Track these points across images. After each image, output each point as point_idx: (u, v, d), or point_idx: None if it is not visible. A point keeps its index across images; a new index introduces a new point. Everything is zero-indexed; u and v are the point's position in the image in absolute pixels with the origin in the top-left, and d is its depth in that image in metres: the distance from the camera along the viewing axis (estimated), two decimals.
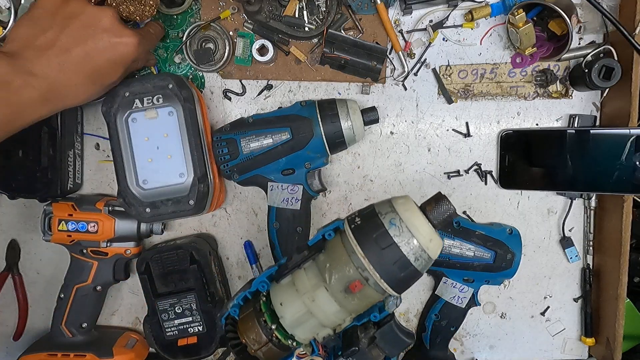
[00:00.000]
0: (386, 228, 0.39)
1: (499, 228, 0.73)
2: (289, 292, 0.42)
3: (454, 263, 0.70)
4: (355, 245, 0.39)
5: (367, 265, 0.39)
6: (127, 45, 0.58)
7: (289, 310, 0.42)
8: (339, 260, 0.40)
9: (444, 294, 0.74)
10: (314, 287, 0.41)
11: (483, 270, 0.70)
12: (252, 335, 0.42)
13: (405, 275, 0.40)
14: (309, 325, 0.42)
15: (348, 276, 0.39)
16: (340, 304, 0.41)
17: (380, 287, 0.39)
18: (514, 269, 0.70)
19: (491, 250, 0.70)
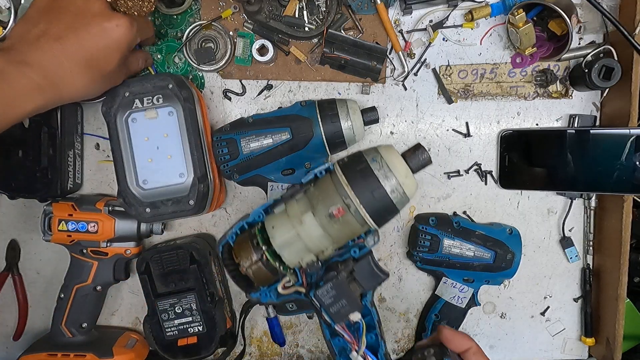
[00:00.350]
0: (369, 163, 0.45)
1: (499, 228, 0.73)
2: (281, 218, 0.47)
3: (454, 263, 0.71)
4: (341, 175, 0.45)
5: (349, 192, 0.44)
6: (120, 28, 0.57)
7: (279, 232, 0.46)
8: (326, 191, 0.46)
9: (444, 294, 0.74)
10: (302, 212, 0.46)
11: (483, 270, 0.71)
12: (245, 254, 0.47)
13: (382, 205, 0.45)
14: (296, 248, 0.46)
15: (333, 203, 0.45)
16: (324, 229, 0.45)
17: (360, 214, 0.44)
18: (514, 269, 0.71)
19: (491, 250, 0.70)
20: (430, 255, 0.71)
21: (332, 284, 0.47)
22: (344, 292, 0.47)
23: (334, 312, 0.47)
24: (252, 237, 0.48)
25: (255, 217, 0.49)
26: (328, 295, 0.47)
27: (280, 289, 0.49)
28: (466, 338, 0.50)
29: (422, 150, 0.48)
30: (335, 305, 0.47)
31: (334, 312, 0.47)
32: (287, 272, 0.48)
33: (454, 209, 0.76)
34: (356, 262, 0.48)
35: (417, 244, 0.71)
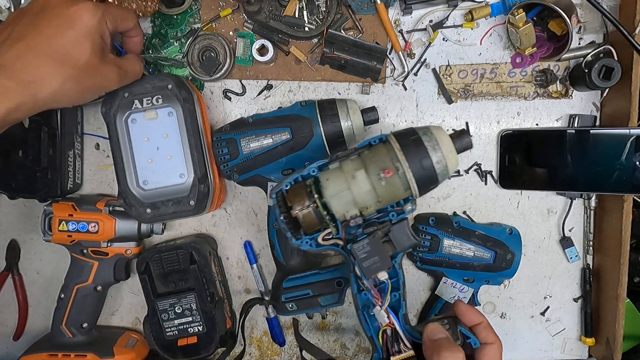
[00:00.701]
0: (420, 135, 0.51)
1: (499, 228, 0.73)
2: (335, 172, 0.53)
3: (454, 263, 0.71)
4: (394, 142, 0.51)
5: (400, 156, 0.50)
6: (82, 12, 0.54)
7: (332, 183, 0.52)
8: (379, 154, 0.52)
9: (443, 293, 0.74)
10: (356, 169, 0.52)
11: (483, 270, 0.71)
12: (298, 199, 0.52)
13: (426, 174, 0.51)
14: (344, 199, 0.51)
15: (384, 164, 0.51)
16: (372, 186, 0.51)
17: (406, 177, 0.50)
18: (514, 269, 0.71)
19: (491, 250, 0.70)
20: (430, 255, 0.71)
21: (368, 240, 0.52)
22: (378, 249, 0.52)
23: (365, 267, 0.52)
24: (307, 187, 0.53)
25: (309, 172, 0.54)
26: (363, 250, 0.52)
27: (320, 240, 0.54)
28: (478, 313, 0.54)
29: (467, 134, 0.54)
30: (367, 260, 0.52)
31: (365, 267, 0.52)
32: (330, 224, 0.53)
33: (454, 209, 0.76)
34: (393, 225, 0.52)
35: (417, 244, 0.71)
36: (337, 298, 0.67)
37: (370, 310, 0.55)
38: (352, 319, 0.80)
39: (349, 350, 0.81)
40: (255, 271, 0.77)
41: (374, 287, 0.54)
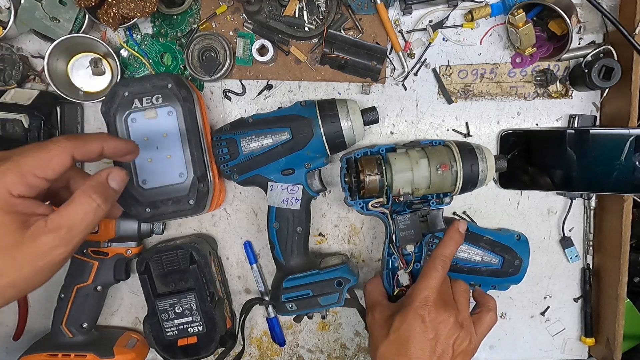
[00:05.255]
0: (474, 148, 0.65)
1: (507, 234, 0.73)
2: (403, 156, 0.65)
3: (462, 267, 0.70)
4: (454, 146, 0.65)
5: (457, 157, 0.64)
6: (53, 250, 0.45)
7: (399, 162, 0.64)
8: (440, 152, 0.64)
9: None
10: (421, 157, 0.64)
11: (490, 276, 0.70)
12: (370, 166, 0.64)
13: (472, 177, 0.64)
14: (404, 177, 0.63)
15: (443, 160, 0.63)
16: (430, 173, 0.63)
17: (457, 175, 0.64)
18: (521, 275, 0.70)
19: (499, 255, 0.70)
20: None
21: (410, 215, 0.65)
22: (415, 225, 0.65)
23: (402, 236, 0.65)
24: (377, 159, 0.65)
25: (379, 149, 0.67)
26: (403, 222, 0.65)
27: (371, 205, 0.66)
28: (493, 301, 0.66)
29: (504, 160, 0.67)
30: (405, 231, 0.65)
31: (402, 236, 0.65)
32: (384, 194, 0.65)
33: (454, 209, 0.76)
34: (431, 210, 0.65)
35: (429, 248, 0.71)
36: (337, 298, 0.67)
37: (393, 272, 0.67)
38: (352, 318, 0.80)
39: (349, 350, 0.81)
40: (255, 271, 0.77)
41: (401, 255, 0.67)
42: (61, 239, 0.44)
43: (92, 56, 0.72)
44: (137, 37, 0.73)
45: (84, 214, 0.46)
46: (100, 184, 0.48)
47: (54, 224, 0.44)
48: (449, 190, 0.65)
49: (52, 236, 0.44)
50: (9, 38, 0.71)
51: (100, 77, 0.72)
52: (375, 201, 0.65)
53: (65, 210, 0.45)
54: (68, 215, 0.45)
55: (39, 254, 0.44)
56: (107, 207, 0.47)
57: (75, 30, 0.69)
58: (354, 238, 0.78)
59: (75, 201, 0.46)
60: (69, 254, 0.45)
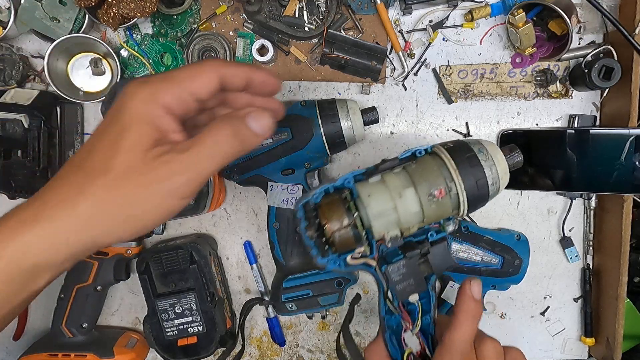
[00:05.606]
0: (475, 153, 0.46)
1: (507, 234, 0.73)
2: (379, 188, 0.46)
3: (462, 267, 0.71)
4: (449, 159, 0.46)
5: (455, 176, 0.45)
6: (124, 100, 0.40)
7: (377, 201, 0.45)
8: (429, 170, 0.46)
9: (450, 297, 0.73)
10: (403, 186, 0.45)
11: (490, 276, 0.71)
12: (336, 216, 0.45)
13: (479, 195, 0.46)
14: (388, 219, 0.45)
15: (436, 183, 0.45)
16: (421, 206, 0.45)
17: (458, 198, 0.46)
18: (521, 275, 0.71)
19: (499, 255, 0.70)
20: None
21: (404, 262, 0.47)
22: (414, 271, 0.47)
23: (399, 290, 0.47)
24: (344, 201, 0.46)
25: (344, 183, 0.47)
26: (398, 272, 0.47)
27: (349, 259, 0.47)
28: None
29: (518, 152, 0.50)
30: (402, 282, 0.47)
31: (399, 290, 0.47)
32: (364, 243, 0.47)
33: None
34: (432, 245, 0.47)
35: None
36: (337, 298, 0.67)
37: (397, 333, 0.49)
38: (353, 319, 0.80)
39: None
40: (255, 271, 0.77)
41: (404, 311, 0.48)
42: (188, 173, 0.37)
43: (92, 56, 0.72)
44: (137, 37, 0.73)
45: (216, 149, 0.39)
46: (239, 121, 0.40)
47: (196, 151, 0.38)
48: (450, 215, 0.48)
49: (180, 166, 0.37)
50: (9, 38, 0.71)
51: (100, 77, 0.72)
52: (355, 253, 0.47)
53: (209, 132, 0.39)
54: (200, 148, 0.38)
55: (163, 183, 0.37)
56: (237, 150, 0.40)
57: (75, 30, 0.69)
58: None
59: (207, 133, 0.39)
60: (188, 195, 0.38)
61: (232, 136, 0.40)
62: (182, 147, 0.38)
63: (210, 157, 0.39)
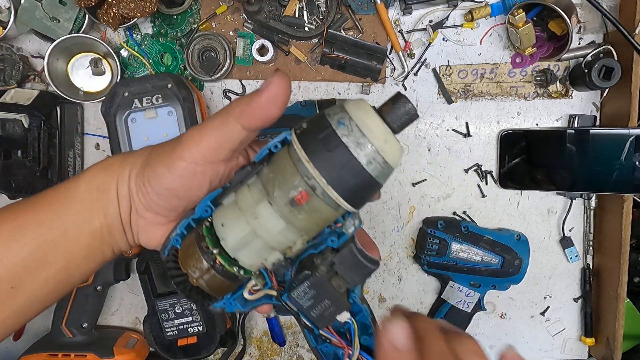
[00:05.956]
0: (333, 128, 0.33)
1: (507, 234, 0.73)
2: (231, 212, 0.37)
3: (462, 267, 0.71)
4: (300, 149, 0.34)
5: (312, 170, 0.33)
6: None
7: (231, 230, 0.36)
8: (283, 170, 0.35)
9: (450, 298, 0.74)
10: (256, 202, 0.35)
11: (490, 276, 0.71)
12: (193, 262, 0.37)
13: (358, 182, 0.34)
14: (254, 248, 0.36)
15: (293, 186, 0.34)
16: (286, 220, 0.35)
17: (330, 197, 0.34)
18: (521, 275, 0.71)
19: (499, 255, 0.70)
20: (438, 259, 0.72)
21: (309, 283, 0.38)
22: (326, 290, 0.38)
23: (316, 316, 0.39)
24: (200, 240, 0.37)
25: (201, 213, 0.38)
26: (306, 296, 0.38)
27: (246, 295, 0.40)
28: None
29: (404, 101, 0.36)
30: (316, 307, 0.39)
31: (316, 316, 0.39)
32: (251, 276, 0.39)
33: (454, 209, 0.76)
34: (336, 253, 0.37)
35: (425, 248, 0.72)
36: None
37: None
38: None
39: None
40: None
41: (336, 335, 0.41)
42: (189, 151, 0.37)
43: (92, 56, 0.72)
44: (137, 37, 0.73)
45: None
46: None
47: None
48: (339, 215, 0.36)
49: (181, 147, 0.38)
50: (9, 38, 0.71)
51: (100, 77, 0.72)
52: (248, 288, 0.40)
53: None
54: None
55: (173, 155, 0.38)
56: (237, 124, 0.37)
57: (75, 30, 0.69)
58: None
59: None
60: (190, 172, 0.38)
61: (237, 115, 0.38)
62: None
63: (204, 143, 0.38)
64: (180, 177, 0.37)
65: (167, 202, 0.39)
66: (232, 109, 0.37)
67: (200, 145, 0.37)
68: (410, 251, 0.78)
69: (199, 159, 0.37)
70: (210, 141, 0.37)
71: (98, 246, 0.41)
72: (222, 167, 0.39)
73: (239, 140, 0.38)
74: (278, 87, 0.36)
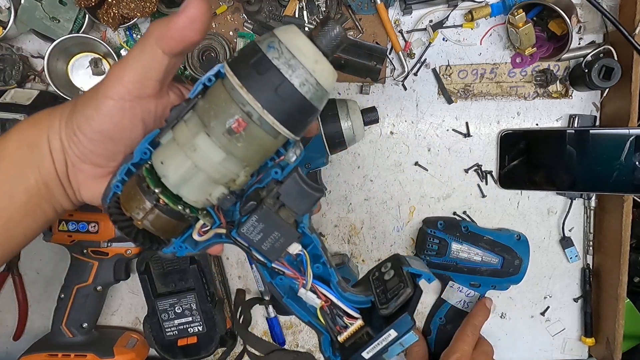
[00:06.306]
0: (264, 52, 0.33)
1: (507, 234, 0.73)
2: (170, 148, 0.36)
3: (462, 267, 0.71)
4: (232, 76, 0.34)
5: (245, 95, 0.33)
6: None
7: (171, 166, 0.36)
8: (218, 100, 0.35)
9: (450, 298, 0.74)
10: (194, 135, 0.35)
11: (490, 276, 0.71)
12: (135, 204, 0.37)
13: (293, 105, 0.34)
14: (197, 182, 0.36)
15: (229, 114, 0.34)
16: (226, 150, 0.35)
17: (267, 122, 0.34)
18: (521, 275, 0.71)
19: (499, 255, 0.71)
20: (438, 259, 0.72)
21: (257, 217, 0.38)
22: (274, 222, 0.39)
23: (267, 249, 0.40)
24: (141, 181, 0.37)
25: (140, 155, 0.38)
26: (255, 230, 0.39)
27: (195, 236, 0.40)
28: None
29: (332, 24, 0.35)
30: (266, 240, 0.39)
31: (267, 249, 0.40)
32: (198, 215, 0.38)
33: (454, 209, 0.76)
34: (281, 184, 0.38)
35: (425, 248, 0.72)
36: None
37: (296, 294, 0.44)
38: None
39: None
40: (255, 271, 0.77)
41: (289, 267, 0.42)
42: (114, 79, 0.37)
43: (92, 56, 0.72)
44: (137, 37, 0.73)
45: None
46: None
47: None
48: (281, 143, 0.37)
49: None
50: (9, 38, 0.71)
51: (101, 77, 0.72)
52: (197, 229, 0.40)
53: None
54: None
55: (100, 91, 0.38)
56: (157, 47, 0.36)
57: (75, 30, 0.69)
58: (354, 238, 0.78)
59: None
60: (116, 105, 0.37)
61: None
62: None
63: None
64: (109, 117, 0.37)
65: (101, 148, 0.38)
66: (150, 32, 0.36)
67: (124, 80, 0.36)
68: (410, 251, 0.78)
69: (124, 93, 0.36)
70: (133, 73, 0.36)
71: (37, 203, 0.40)
72: (153, 104, 0.38)
73: (162, 69, 0.37)
74: (196, 8, 0.35)
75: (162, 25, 0.36)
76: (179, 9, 0.35)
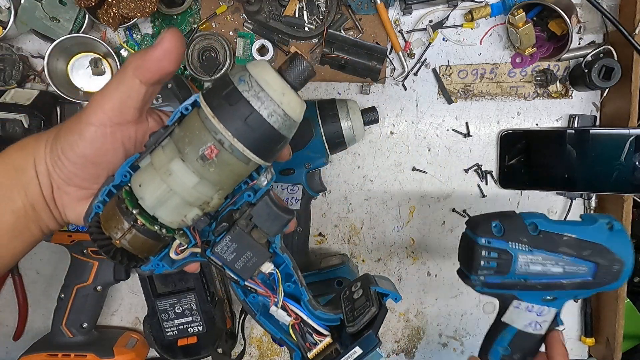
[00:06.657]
0: (235, 84, 0.36)
1: (593, 224, 0.51)
2: (148, 172, 0.39)
3: (534, 285, 0.50)
4: (205, 106, 0.37)
5: (217, 124, 0.36)
6: None
7: (148, 189, 0.38)
8: (192, 128, 0.37)
9: (515, 320, 0.55)
10: (169, 160, 0.37)
11: (577, 289, 0.51)
12: (114, 223, 0.39)
13: (262, 134, 0.37)
14: (172, 204, 0.39)
15: (202, 142, 0.36)
16: (199, 175, 0.37)
17: (238, 149, 0.36)
18: (622, 281, 0.50)
19: (590, 262, 0.49)
20: (499, 279, 0.50)
21: (230, 237, 0.41)
22: (246, 242, 0.42)
23: (240, 268, 0.42)
24: (120, 202, 0.39)
25: (121, 178, 0.40)
26: (229, 250, 0.42)
27: (172, 255, 0.43)
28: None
29: (300, 59, 0.38)
30: (239, 260, 0.42)
31: (240, 268, 0.42)
32: (174, 235, 0.41)
33: (453, 207, 0.76)
34: (253, 206, 0.41)
35: (479, 266, 0.50)
36: None
37: (269, 312, 0.47)
38: None
39: None
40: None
41: (261, 284, 0.44)
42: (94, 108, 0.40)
43: (92, 56, 0.72)
44: (137, 37, 0.73)
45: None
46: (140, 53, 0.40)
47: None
48: (252, 169, 0.40)
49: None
50: (9, 38, 0.71)
51: (100, 77, 0.72)
52: (174, 248, 0.43)
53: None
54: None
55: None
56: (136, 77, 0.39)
57: (75, 30, 0.69)
58: (354, 238, 0.78)
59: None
60: (97, 131, 0.39)
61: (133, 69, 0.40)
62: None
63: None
64: (91, 142, 0.39)
65: (85, 171, 0.40)
66: (128, 63, 0.39)
67: (105, 107, 0.39)
68: (411, 251, 0.78)
69: (105, 120, 0.39)
70: (113, 101, 0.39)
71: (24, 224, 0.42)
72: (133, 130, 0.41)
73: (140, 97, 0.39)
74: (171, 41, 0.38)
75: (140, 56, 0.38)
76: (154, 42, 0.38)
